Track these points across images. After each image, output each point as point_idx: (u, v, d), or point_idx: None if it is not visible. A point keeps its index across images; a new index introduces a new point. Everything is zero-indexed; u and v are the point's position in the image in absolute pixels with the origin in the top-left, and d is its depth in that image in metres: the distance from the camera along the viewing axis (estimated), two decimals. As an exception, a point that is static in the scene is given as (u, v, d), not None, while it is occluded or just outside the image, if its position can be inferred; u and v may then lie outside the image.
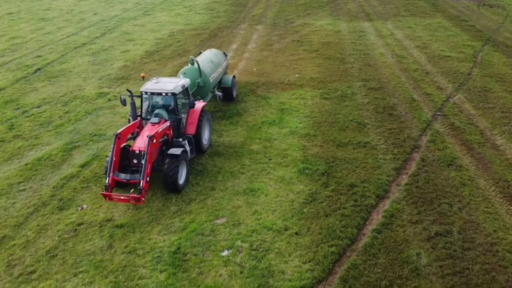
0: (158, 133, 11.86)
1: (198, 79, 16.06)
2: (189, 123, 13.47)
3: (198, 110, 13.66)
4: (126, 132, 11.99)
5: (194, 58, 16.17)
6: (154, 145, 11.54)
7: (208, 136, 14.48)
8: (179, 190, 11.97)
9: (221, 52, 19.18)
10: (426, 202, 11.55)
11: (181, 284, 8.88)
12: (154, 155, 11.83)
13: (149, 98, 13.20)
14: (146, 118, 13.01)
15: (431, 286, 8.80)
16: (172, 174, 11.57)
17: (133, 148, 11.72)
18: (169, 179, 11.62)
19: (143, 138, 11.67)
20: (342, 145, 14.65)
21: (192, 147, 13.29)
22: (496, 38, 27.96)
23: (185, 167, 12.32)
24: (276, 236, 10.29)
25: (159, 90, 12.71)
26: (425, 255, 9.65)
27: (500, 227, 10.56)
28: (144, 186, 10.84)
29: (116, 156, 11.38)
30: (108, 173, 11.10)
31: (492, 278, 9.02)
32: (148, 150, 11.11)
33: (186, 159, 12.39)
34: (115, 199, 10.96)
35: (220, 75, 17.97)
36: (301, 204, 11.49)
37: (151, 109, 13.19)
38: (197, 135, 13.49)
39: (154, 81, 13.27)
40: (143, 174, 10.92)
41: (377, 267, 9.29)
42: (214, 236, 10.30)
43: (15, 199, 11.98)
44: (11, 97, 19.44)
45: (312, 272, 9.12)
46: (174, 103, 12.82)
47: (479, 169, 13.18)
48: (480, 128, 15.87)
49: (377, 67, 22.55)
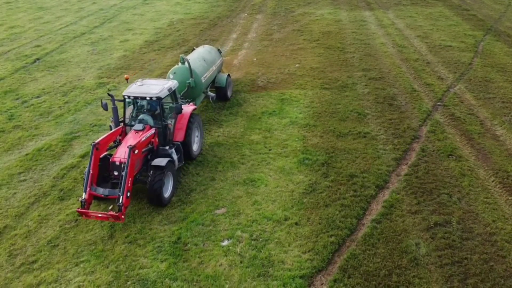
0: (141, 142, 10.84)
1: (188, 79, 14.92)
2: (177, 129, 12.36)
3: (187, 114, 12.54)
4: (105, 141, 11.00)
5: (185, 56, 15.12)
6: (136, 156, 10.54)
7: (198, 142, 13.45)
8: (164, 204, 10.99)
9: (215, 48, 18.17)
10: (425, 192, 11.58)
11: (181, 273, 8.95)
12: (136, 167, 10.85)
13: (133, 102, 12.17)
14: (130, 124, 11.95)
15: (429, 276, 8.87)
16: (156, 187, 10.56)
17: (113, 159, 10.65)
18: (153, 193, 10.63)
19: (125, 147, 10.59)
20: (342, 136, 14.64)
21: (180, 155, 12.20)
22: (497, 27, 27.76)
23: (172, 178, 11.29)
24: (276, 226, 10.34)
25: (143, 94, 11.55)
26: (424, 245, 9.71)
27: (499, 217, 10.61)
28: (124, 202, 9.78)
29: (94, 168, 10.37)
30: (85, 188, 10.07)
31: (490, 267, 9.09)
32: (128, 163, 10.03)
33: (172, 170, 11.35)
34: (92, 217, 9.95)
35: (214, 74, 16.90)
36: (301, 194, 11.53)
37: (135, 114, 12.18)
38: (186, 142, 12.41)
39: (139, 83, 12.15)
40: (122, 189, 9.86)
41: (376, 256, 9.36)
42: (214, 226, 10.36)
43: (16, 189, 12.01)
44: (11, 87, 19.38)
45: (311, 262, 9.19)
46: (160, 108, 11.69)
47: (479, 160, 13.20)
48: (481, 119, 15.84)
49: (377, 57, 22.43)
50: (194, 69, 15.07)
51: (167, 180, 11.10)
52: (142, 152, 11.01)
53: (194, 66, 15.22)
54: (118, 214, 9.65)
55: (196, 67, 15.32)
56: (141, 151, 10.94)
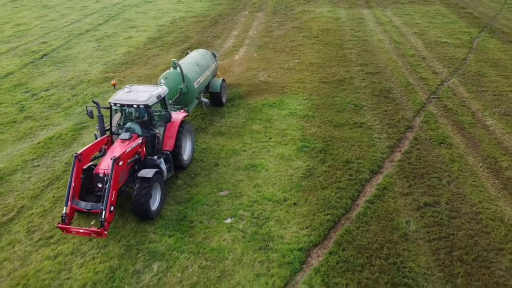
0: (126, 153, 10.22)
1: (180, 84, 14.28)
2: (167, 138, 11.75)
3: (178, 122, 11.95)
4: (89, 152, 10.39)
5: (176, 61, 14.49)
6: (120, 168, 9.93)
7: (189, 151, 12.84)
8: (151, 217, 10.40)
9: (209, 52, 17.46)
10: (417, 176, 12.27)
11: (188, 246, 9.65)
12: (121, 178, 10.25)
13: (121, 109, 11.59)
14: (117, 132, 11.37)
15: (418, 249, 9.56)
16: (143, 200, 10.00)
17: (97, 170, 10.07)
18: (139, 206, 10.06)
19: (109, 158, 9.94)
20: (339, 126, 15.33)
21: (170, 165, 11.62)
22: (493, 25, 28.43)
23: (160, 190, 10.74)
24: (275, 206, 11.04)
25: (130, 101, 10.91)
26: (414, 222, 10.40)
27: (485, 198, 11.29)
28: (106, 217, 9.20)
29: (76, 181, 9.76)
30: (66, 201, 9.48)
31: (475, 242, 9.77)
32: (112, 175, 9.44)
33: (160, 181, 10.77)
34: (73, 232, 9.33)
35: (208, 78, 16.19)
36: (299, 178, 12.22)
37: (123, 122, 11.59)
38: (175, 151, 11.85)
39: (126, 90, 11.49)
40: (105, 203, 9.28)
41: (369, 232, 10.05)
42: (218, 206, 11.06)
43: (30, 174, 12.72)
44: (20, 81, 20.08)
45: (309, 237, 9.88)
46: (148, 116, 11.05)
47: (469, 147, 13.88)
48: (472, 110, 16.53)
49: (375, 53, 23.11)
50: (186, 74, 14.44)
51: (154, 192, 10.53)
52: (127, 163, 10.40)
53: (187, 71, 14.60)
54: (100, 230, 9.05)
55: (188, 72, 14.69)
56: (126, 162, 10.33)
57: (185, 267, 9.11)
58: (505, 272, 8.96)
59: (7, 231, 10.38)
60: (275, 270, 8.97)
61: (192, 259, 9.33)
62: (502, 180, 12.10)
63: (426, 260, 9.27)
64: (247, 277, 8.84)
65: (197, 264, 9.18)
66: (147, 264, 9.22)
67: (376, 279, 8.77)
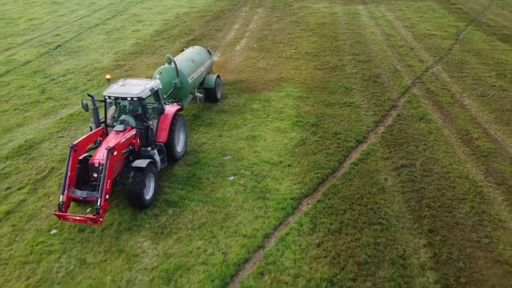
0: (120, 144, 10.64)
1: (175, 79, 14.69)
2: (160, 130, 12.14)
3: (171, 115, 12.35)
4: (84, 143, 10.79)
5: (171, 56, 14.90)
6: (115, 158, 10.31)
7: (183, 143, 13.27)
8: (146, 206, 10.79)
9: (204, 50, 17.93)
10: (397, 145, 13.94)
11: (197, 197, 11.33)
12: (116, 168, 10.63)
13: (116, 103, 11.97)
14: (111, 125, 11.72)
15: (393, 199, 11.23)
16: (137, 189, 10.36)
17: (93, 161, 10.44)
18: (133, 195, 10.45)
19: (104, 149, 10.32)
20: (331, 105, 17.00)
21: (163, 156, 12.07)
22: (480, 19, 30.10)
23: (153, 180, 11.12)
24: (272, 167, 12.71)
25: (124, 94, 11.29)
26: (391, 179, 12.07)
27: (455, 161, 12.96)
28: (102, 205, 9.61)
29: (72, 170, 10.12)
30: (63, 190, 9.87)
31: (442, 194, 11.43)
32: (107, 164, 9.83)
33: (154, 171, 11.18)
34: (70, 220, 9.77)
35: (202, 74, 16.69)
36: (293, 146, 13.89)
37: (117, 115, 11.98)
38: (169, 143, 12.26)
39: (120, 83, 11.89)
40: (100, 191, 9.66)
41: (352, 186, 11.72)
42: (222, 167, 12.73)
43: (56, 143, 14.41)
44: (38, 68, 21.79)
45: (300, 190, 11.55)
46: (142, 108, 11.47)
47: (446, 122, 15.54)
48: (452, 92, 18.19)
49: (367, 44, 24.79)
50: (180, 69, 14.85)
51: (148, 182, 10.91)
52: (122, 153, 10.79)
53: (181, 67, 15.01)
54: (96, 217, 9.44)
55: (183, 67, 15.10)
56: (121, 153, 10.73)
57: (195, 211, 10.79)
58: (465, 215, 10.61)
59: (42, 186, 12.08)
60: (271, 213, 10.65)
61: (201, 206, 11.01)
62: (471, 147, 13.76)
63: (399, 207, 10.93)
64: (247, 218, 10.52)
65: (205, 209, 10.86)
66: (163, 209, 10.90)
67: (355, 219, 10.44)
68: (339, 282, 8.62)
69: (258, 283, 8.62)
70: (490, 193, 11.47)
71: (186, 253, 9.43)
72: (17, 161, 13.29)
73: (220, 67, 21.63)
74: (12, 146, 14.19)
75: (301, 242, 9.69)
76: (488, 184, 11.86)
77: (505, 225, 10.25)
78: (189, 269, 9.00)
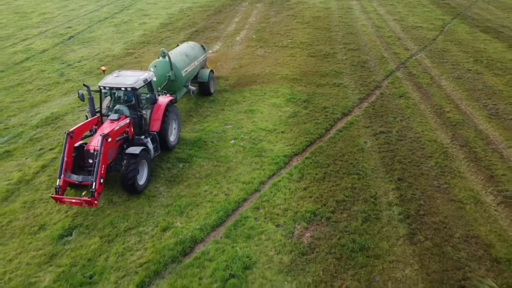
0: (114, 131, 11.12)
1: (169, 72, 15.35)
2: (154, 119, 12.65)
3: (164, 105, 12.86)
4: (80, 130, 11.32)
5: (165, 50, 15.55)
6: (109, 144, 10.80)
7: (176, 133, 13.75)
8: (139, 191, 11.27)
9: (198, 45, 18.52)
10: (377, 116, 15.90)
11: (203, 154, 13.29)
12: (110, 155, 11.15)
13: (110, 93, 12.48)
14: (106, 114, 12.21)
15: (370, 156, 13.18)
16: (131, 175, 10.84)
17: (88, 147, 10.99)
18: (127, 181, 10.90)
19: (99, 136, 10.81)
20: (321, 85, 18.96)
21: (156, 145, 12.59)
22: (466, 13, 32.05)
23: (146, 167, 11.61)
24: (267, 133, 14.67)
25: (118, 84, 11.85)
26: (370, 142, 14.02)
27: (427, 129, 14.91)
28: (97, 188, 10.09)
29: (69, 156, 10.68)
30: (60, 174, 10.41)
31: (412, 153, 13.38)
32: (101, 150, 10.35)
33: (147, 158, 11.69)
34: (66, 202, 10.29)
35: (196, 69, 17.23)
36: (286, 117, 15.85)
37: (112, 105, 12.43)
38: (162, 132, 12.75)
39: (115, 74, 12.41)
40: (95, 175, 10.15)
41: (336, 147, 13.67)
42: (224, 133, 14.69)
43: (79, 115, 16.38)
44: (55, 55, 23.76)
45: (291, 150, 13.51)
46: (135, 98, 11.98)
47: (422, 99, 17.49)
48: (432, 75, 20.14)
49: (357, 35, 26.75)
50: (174, 62, 15.42)
51: (141, 168, 11.36)
52: (116, 140, 11.26)
53: (175, 60, 15.59)
54: (90, 200, 9.94)
55: (177, 61, 15.70)
56: (115, 140, 11.17)
57: (201, 165, 12.76)
58: (430, 168, 12.57)
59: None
60: (266, 167, 12.61)
61: (207, 161, 12.97)
62: (443, 118, 15.72)
63: (374, 162, 12.89)
64: (246, 170, 12.48)
65: (210, 164, 12.83)
66: (175, 164, 12.87)
67: (337, 171, 12.40)
68: (320, 214, 10.56)
69: (254, 214, 10.57)
70: (454, 153, 13.43)
71: (195, 194, 11.40)
72: (46, 129, 15.27)
73: (221, 54, 23.61)
74: (40, 117, 16.18)
75: (291, 187, 11.64)
76: (453, 146, 13.81)
77: (463, 175, 12.21)
78: (198, 205, 10.96)
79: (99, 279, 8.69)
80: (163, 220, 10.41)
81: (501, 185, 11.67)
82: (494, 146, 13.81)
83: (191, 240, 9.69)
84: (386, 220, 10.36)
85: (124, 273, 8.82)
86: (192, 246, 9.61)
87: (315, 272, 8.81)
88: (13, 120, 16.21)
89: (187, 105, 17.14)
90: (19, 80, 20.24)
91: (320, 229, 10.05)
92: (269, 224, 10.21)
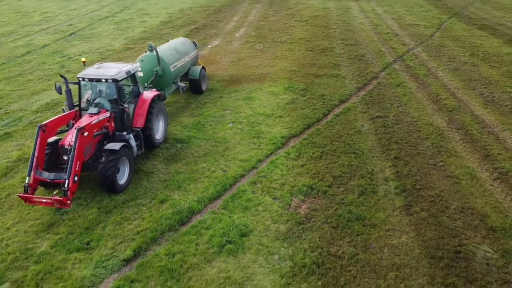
0: (92, 125, 10.22)
1: (156, 67, 14.57)
2: (137, 115, 11.69)
3: (149, 100, 11.91)
4: (55, 124, 10.31)
5: (153, 44, 14.85)
6: (86, 139, 9.91)
7: (162, 130, 12.85)
8: (118, 190, 10.34)
9: (190, 41, 17.84)
10: (374, 103, 16.04)
11: (201, 136, 13.40)
12: (87, 151, 10.24)
13: (91, 86, 11.55)
14: (86, 108, 11.23)
15: (367, 138, 13.28)
16: (109, 172, 9.92)
17: (63, 142, 9.99)
18: (105, 179, 9.99)
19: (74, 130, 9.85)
20: (319, 76, 19.13)
21: (140, 142, 11.63)
22: (463, 12, 32.46)
23: (127, 165, 10.70)
24: (265, 118, 14.79)
25: (99, 76, 10.92)
26: (367, 125, 14.14)
27: (423, 114, 15.04)
28: (70, 187, 9.14)
29: (40, 151, 9.71)
30: (29, 172, 9.48)
31: (409, 135, 13.49)
32: (75, 145, 9.42)
33: (129, 156, 10.77)
34: (36, 202, 9.35)
35: (187, 65, 16.48)
36: (284, 104, 15.99)
37: (92, 99, 11.48)
38: (146, 129, 11.79)
39: (96, 66, 11.54)
40: (69, 172, 9.19)
41: (333, 130, 13.79)
42: (223, 118, 14.82)
43: (78, 102, 16.50)
44: (56, 50, 23.99)
45: (289, 132, 13.62)
46: (116, 91, 11.02)
47: (419, 88, 17.65)
48: (428, 67, 20.35)
49: (355, 32, 27.04)
50: (162, 57, 14.70)
51: (122, 166, 10.53)
52: (93, 135, 10.41)
53: (163, 55, 14.88)
54: (63, 199, 9.00)
55: (165, 55, 14.97)
56: (92, 134, 10.33)
57: (200, 145, 12.86)
58: (426, 148, 12.66)
59: (69, 129, 14.12)
60: (263, 146, 12.72)
61: (205, 142, 13.08)
62: (439, 105, 15.86)
63: (371, 143, 12.99)
64: (244, 149, 12.58)
65: (208, 144, 12.93)
66: (173, 144, 12.96)
67: (334, 150, 12.49)
68: (317, 188, 10.64)
69: (252, 188, 10.64)
70: (450, 135, 13.54)
71: (193, 171, 11.48)
72: (46, 114, 15.40)
73: (221, 49, 23.86)
74: (40, 103, 16.34)
75: (288, 164, 11.73)
76: (449, 129, 13.94)
77: (459, 155, 12.31)
78: (196, 180, 11.04)
79: (96, 245, 8.74)
80: (161, 193, 10.47)
81: (496, 163, 11.76)
82: (490, 129, 13.94)
83: (189, 210, 9.75)
84: (382, 193, 10.43)
85: (121, 240, 8.87)
86: (190, 216, 9.66)
87: (312, 239, 8.85)
88: (13, 106, 16.36)
89: (185, 93, 17.29)
90: (20, 71, 20.43)
91: (317, 202, 10.11)
92: (266, 197, 10.27)
